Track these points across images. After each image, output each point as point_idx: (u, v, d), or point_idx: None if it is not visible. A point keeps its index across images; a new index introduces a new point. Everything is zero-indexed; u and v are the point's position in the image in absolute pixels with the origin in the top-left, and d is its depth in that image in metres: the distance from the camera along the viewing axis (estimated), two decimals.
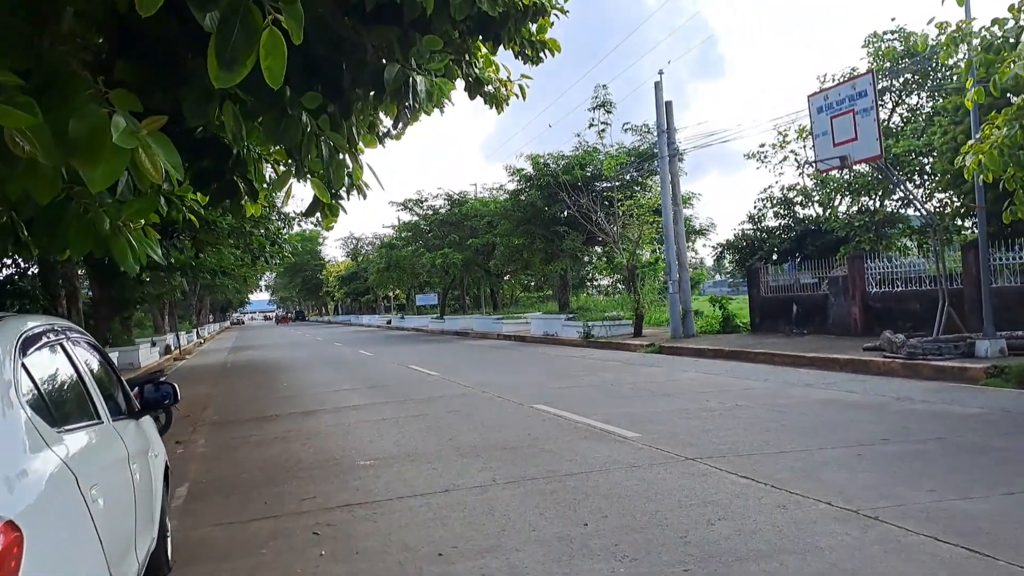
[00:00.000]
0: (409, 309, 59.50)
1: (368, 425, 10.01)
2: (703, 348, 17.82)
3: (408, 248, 43.79)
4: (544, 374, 15.32)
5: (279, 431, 10.09)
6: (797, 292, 19.81)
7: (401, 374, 17.26)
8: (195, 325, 49.49)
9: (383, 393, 13.61)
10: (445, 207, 38.69)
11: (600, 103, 22.82)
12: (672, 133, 20.99)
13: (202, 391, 16.30)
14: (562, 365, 17.25)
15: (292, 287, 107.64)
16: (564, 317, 25.93)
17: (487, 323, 34.11)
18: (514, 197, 27.66)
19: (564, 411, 9.99)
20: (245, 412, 12.43)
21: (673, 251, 20.89)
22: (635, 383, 12.96)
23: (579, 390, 12.43)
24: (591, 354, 19.93)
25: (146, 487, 4.04)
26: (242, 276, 31.93)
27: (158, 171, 3.05)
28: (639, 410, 9.90)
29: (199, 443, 9.67)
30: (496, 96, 7.99)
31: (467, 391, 13.05)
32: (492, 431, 8.94)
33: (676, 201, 21.06)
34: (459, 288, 46.04)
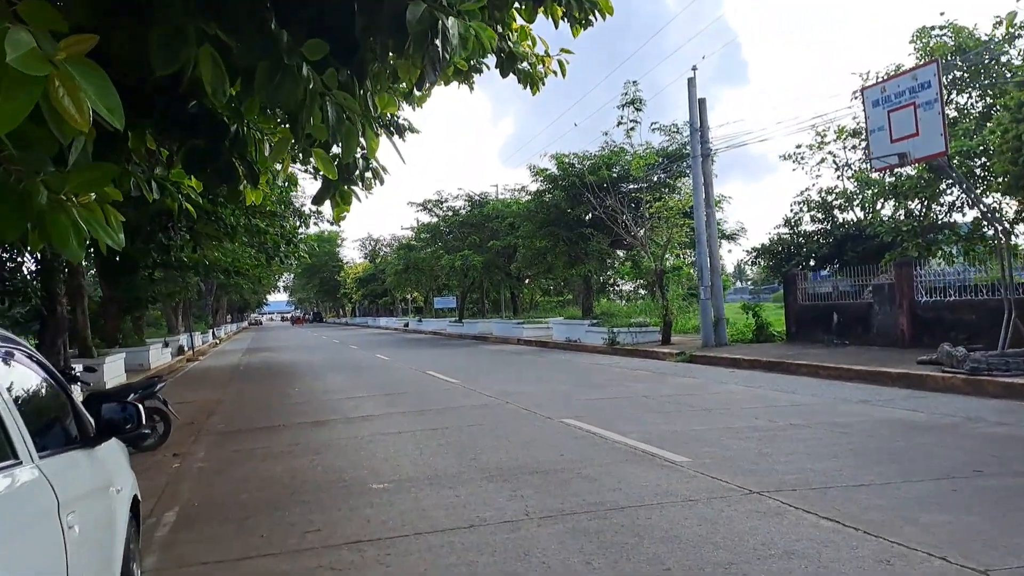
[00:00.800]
0: (427, 312, 58.67)
1: (383, 439, 9.12)
2: (738, 358, 16.79)
3: (427, 250, 42.92)
4: (570, 383, 14.38)
5: (286, 443, 9.22)
6: (837, 300, 18.74)
7: (419, 381, 16.38)
8: (211, 325, 48.90)
9: (399, 402, 12.73)
10: (465, 208, 37.83)
11: (629, 100, 21.89)
12: (705, 131, 20.00)
13: (211, 396, 15.51)
14: (588, 374, 16.30)
15: (310, 288, 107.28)
16: (588, 323, 24.96)
17: (507, 327, 33.19)
18: (537, 198, 26.70)
19: (597, 427, 9.05)
20: (252, 420, 11.60)
21: (705, 255, 19.87)
22: (670, 396, 11.99)
23: (610, 402, 11.48)
24: (618, 362, 18.96)
25: (95, 537, 3.16)
26: (256, 276, 31.23)
27: (83, 114, 2.17)
28: (681, 427, 8.94)
29: (198, 456, 8.82)
30: (532, 74, 7.07)
31: (489, 401, 12.14)
32: (519, 449, 8.01)
33: (709, 203, 20.05)
34: (478, 291, 45.16)
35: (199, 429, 10.94)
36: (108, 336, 21.85)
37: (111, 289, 21.66)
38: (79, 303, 15.79)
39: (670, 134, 25.17)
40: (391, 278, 54.32)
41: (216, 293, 49.21)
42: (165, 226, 10.26)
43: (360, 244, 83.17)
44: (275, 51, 3.40)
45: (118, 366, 17.35)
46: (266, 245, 22.16)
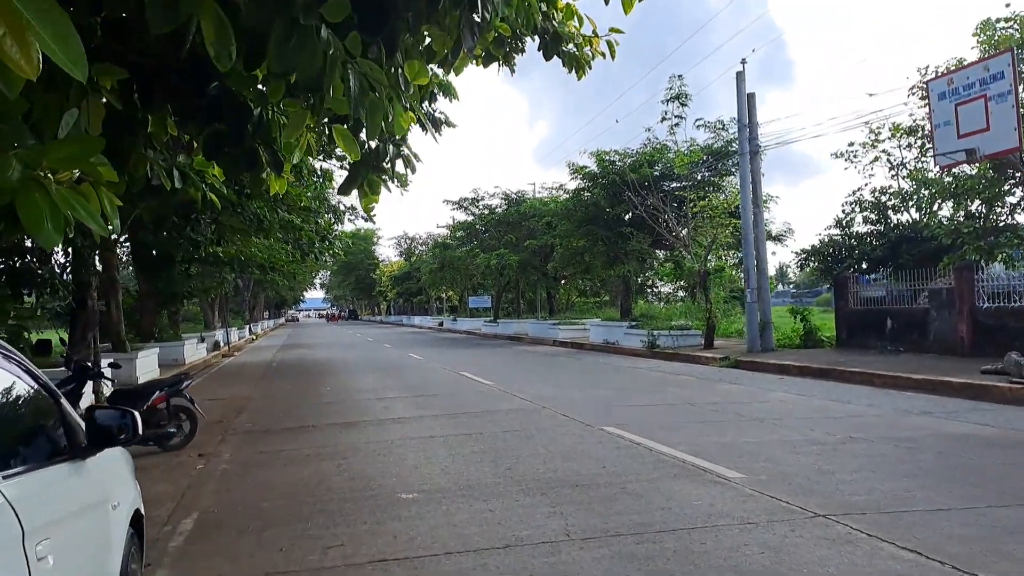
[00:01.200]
0: (461, 311, 58.37)
1: (414, 444, 8.69)
2: (786, 364, 16.08)
3: (462, 248, 42.53)
4: (610, 388, 13.83)
5: (314, 446, 8.84)
6: (891, 304, 17.89)
7: (452, 382, 15.96)
8: (247, 321, 49.15)
9: (432, 404, 12.30)
10: (502, 206, 37.35)
11: (675, 95, 21.16)
12: (754, 127, 19.27)
13: (242, 392, 15.26)
14: (629, 378, 15.73)
15: (346, 286, 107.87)
16: (626, 325, 24.32)
17: (542, 328, 32.66)
18: (576, 196, 26.09)
19: (642, 437, 8.51)
20: (281, 420, 11.26)
21: (752, 256, 19.15)
22: (717, 404, 11.39)
23: (654, 410, 10.92)
24: (659, 366, 18.34)
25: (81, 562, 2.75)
26: (291, 272, 31.14)
27: (30, 60, 1.74)
28: (732, 439, 8.36)
29: (224, 457, 8.47)
30: (578, 57, 6.58)
31: (525, 406, 11.65)
32: (558, 460, 7.51)
33: (756, 202, 19.31)
34: (513, 291, 44.68)
35: (227, 428, 10.64)
36: (144, 330, 21.83)
37: (148, 283, 21.62)
38: (113, 296, 15.65)
39: (715, 131, 24.42)
40: (426, 276, 54.07)
41: (253, 289, 49.43)
42: (188, 217, 9.94)
43: (396, 242, 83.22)
44: (289, 10, 2.95)
45: (151, 361, 17.23)
46: (301, 241, 21.96)
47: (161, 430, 8.77)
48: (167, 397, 8.87)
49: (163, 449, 8.84)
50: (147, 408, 8.65)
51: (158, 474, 7.74)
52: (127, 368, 15.40)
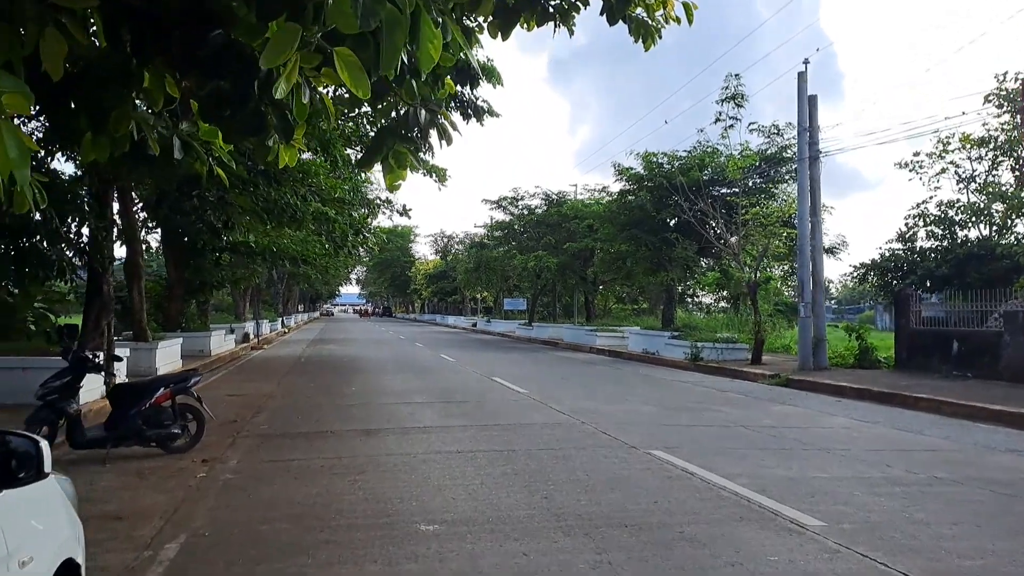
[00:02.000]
0: (496, 313, 57.52)
1: (439, 459, 7.80)
2: (842, 385, 14.91)
3: (500, 249, 41.63)
4: (654, 403, 12.82)
5: (329, 456, 8.01)
6: (957, 326, 16.60)
7: (484, 388, 15.07)
8: (280, 314, 48.81)
9: (461, 412, 11.42)
10: (542, 207, 36.38)
11: (730, 95, 20.06)
12: (815, 132, 18.09)
13: (264, 389, 14.54)
14: (673, 393, 14.70)
15: (381, 282, 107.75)
16: (668, 335, 23.21)
17: (579, 334, 31.65)
18: (620, 198, 25.03)
19: (695, 465, 7.53)
20: (299, 422, 10.47)
21: (808, 268, 17.97)
22: (773, 427, 10.33)
23: (704, 431, 9.90)
24: (703, 381, 17.25)
25: None
26: (324, 266, 30.58)
27: None
28: (799, 472, 7.34)
29: (229, 465, 7.67)
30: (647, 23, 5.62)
31: (562, 420, 10.71)
32: (602, 489, 6.57)
33: (815, 211, 18.11)
34: (550, 294, 43.70)
35: (240, 429, 9.86)
36: (171, 319, 21.32)
37: (177, 271, 21.10)
38: (136, 283, 15.05)
39: (769, 136, 23.24)
40: (461, 276, 53.32)
41: (287, 282, 49.14)
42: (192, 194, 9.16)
43: (432, 240, 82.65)
44: None
45: (173, 351, 16.61)
46: (334, 234, 21.31)
47: (165, 430, 8.00)
48: (172, 395, 8.10)
49: (166, 451, 8.08)
50: (150, 406, 7.91)
51: (153, 481, 6.96)
52: (146, 358, 14.79)
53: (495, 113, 12.94)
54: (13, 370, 10.01)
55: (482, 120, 12.77)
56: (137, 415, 7.80)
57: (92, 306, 11.32)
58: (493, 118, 13.00)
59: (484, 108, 12.70)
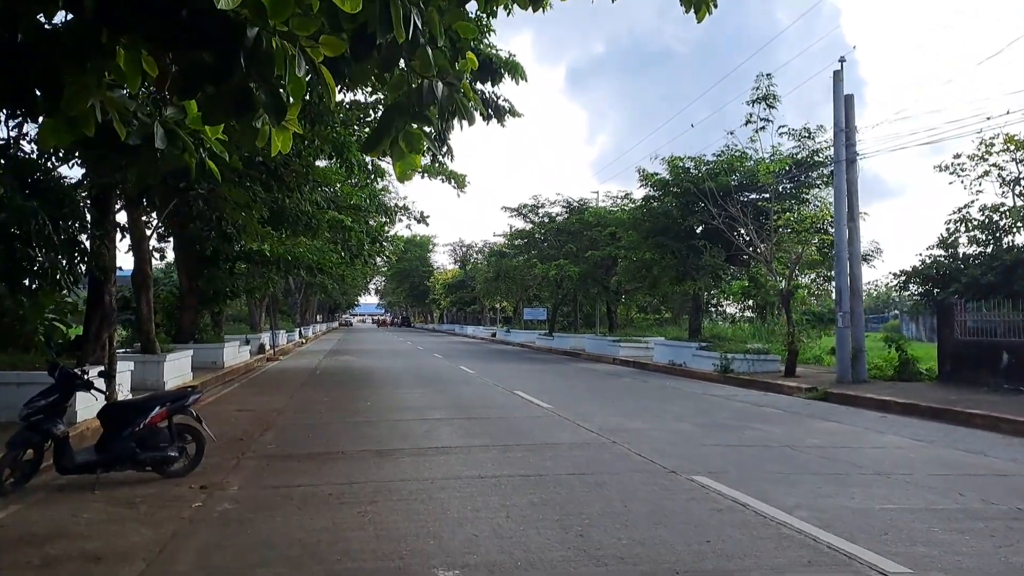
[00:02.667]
0: (516, 323, 56.74)
1: (458, 487, 7.06)
2: (886, 400, 14.01)
3: (519, 257, 40.87)
4: (688, 420, 12.01)
5: (339, 481, 7.29)
6: (1007, 337, 15.63)
7: (505, 403, 14.31)
8: (298, 324, 48.30)
9: (482, 430, 10.67)
10: (563, 215, 35.62)
11: (761, 96, 19.24)
12: (852, 133, 17.22)
13: (275, 404, 13.89)
14: (706, 407, 13.87)
15: (399, 292, 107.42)
16: (696, 345, 22.34)
17: (601, 344, 30.82)
18: (645, 205, 24.22)
19: (745, 494, 6.73)
20: (309, 442, 9.77)
21: (846, 276, 17.06)
22: (821, 447, 9.50)
23: (747, 452, 9.09)
24: (736, 394, 16.39)
25: None
26: (340, 275, 30.01)
27: None
28: (864, 502, 6.54)
29: (229, 492, 6.97)
30: None
31: (591, 439, 9.93)
32: (643, 525, 5.79)
33: (852, 215, 17.22)
34: (570, 304, 42.87)
35: (246, 448, 9.18)
36: (184, 330, 20.77)
37: (190, 281, 20.56)
38: (144, 292, 14.47)
39: (800, 139, 22.35)
40: (481, 285, 52.63)
41: (304, 291, 48.66)
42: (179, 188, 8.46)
43: (451, 249, 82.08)
44: None
45: (183, 364, 15.99)
46: (350, 243, 20.72)
47: (161, 453, 7.32)
48: (169, 414, 7.43)
49: (163, 475, 7.41)
50: (145, 427, 7.23)
51: (143, 512, 6.27)
52: (154, 371, 14.19)
53: (517, 113, 12.21)
54: (7, 385, 9.40)
55: (504, 121, 12.06)
56: (130, 437, 7.13)
57: (93, 317, 10.72)
58: (515, 119, 12.27)
59: (506, 108, 12.00)
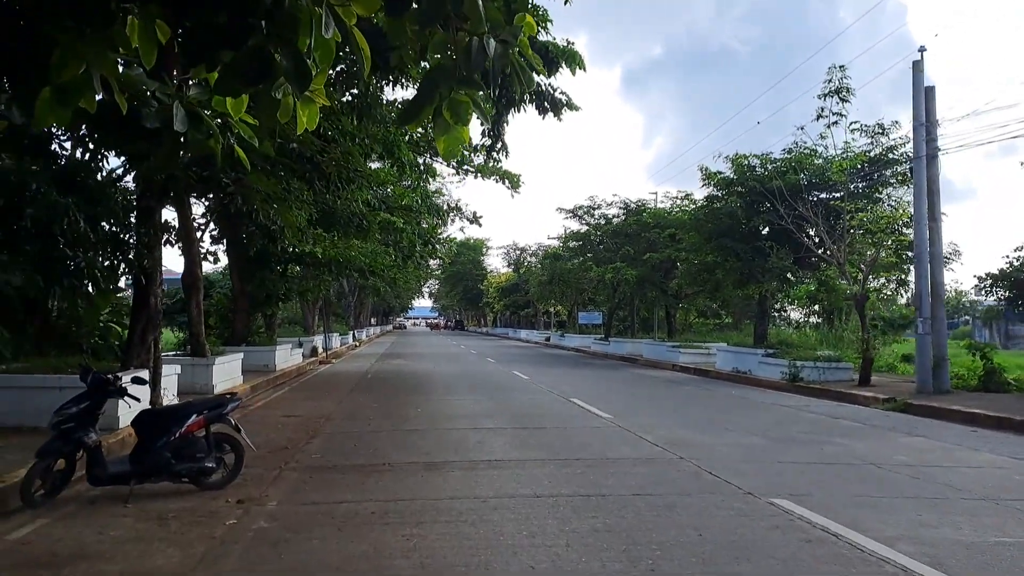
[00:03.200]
0: (570, 327, 55.94)
1: (513, 507, 6.44)
2: (975, 412, 12.91)
3: (574, 260, 40.05)
4: (759, 433, 11.17)
5: (383, 498, 6.75)
6: None
7: (562, 412, 13.65)
8: (352, 327, 48.37)
9: (538, 442, 10.03)
10: (619, 216, 34.72)
11: (834, 89, 18.16)
12: (933, 127, 16.09)
13: (323, 409, 13.49)
14: (777, 419, 12.98)
15: (453, 296, 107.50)
16: (761, 352, 21.29)
17: (660, 350, 29.85)
18: (708, 205, 23.22)
19: (835, 522, 5.96)
20: (355, 452, 9.28)
21: (927, 279, 15.92)
22: (912, 466, 8.60)
23: (830, 471, 8.26)
24: (807, 404, 15.41)
25: None
26: (392, 277, 29.74)
27: None
28: (973, 534, 5.72)
29: (267, 508, 6.49)
30: None
31: (657, 454, 9.21)
32: (723, 559, 5.09)
33: (933, 215, 16.06)
34: (626, 308, 41.91)
35: (290, 457, 8.73)
36: (237, 333, 20.66)
37: (242, 283, 20.43)
38: (194, 294, 14.27)
39: (873, 135, 21.13)
40: (534, 289, 51.97)
41: (358, 294, 48.74)
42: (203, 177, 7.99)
43: (504, 252, 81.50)
44: None
45: (232, 367, 15.74)
46: (401, 244, 20.33)
47: (197, 464, 6.89)
48: (206, 422, 6.99)
49: (199, 487, 6.98)
50: (181, 435, 6.81)
51: (174, 530, 5.81)
52: (203, 375, 13.95)
53: (575, 106, 11.56)
54: (48, 390, 9.13)
55: (560, 114, 11.43)
56: (165, 446, 6.71)
57: (138, 319, 10.44)
58: (572, 112, 11.62)
59: (563, 101, 11.37)
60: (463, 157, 20.33)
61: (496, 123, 11.79)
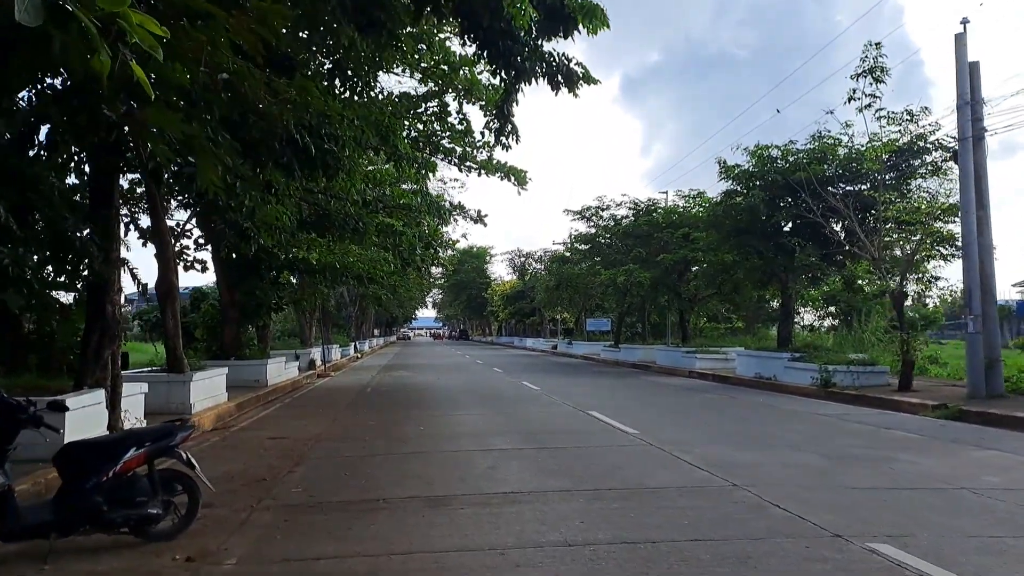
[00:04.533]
0: (577, 334, 54.43)
1: (540, 563, 5.01)
2: None
3: (582, 264, 38.54)
4: (808, 448, 9.71)
5: (372, 552, 5.32)
6: None
7: (581, 427, 12.20)
8: (353, 338, 46.83)
9: (559, 465, 8.59)
10: (629, 217, 33.18)
11: (867, 69, 16.70)
12: (979, 107, 14.69)
13: (314, 429, 12.07)
14: (822, 431, 11.53)
15: (457, 305, 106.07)
16: (787, 356, 19.83)
17: (674, 356, 28.35)
18: (726, 200, 21.69)
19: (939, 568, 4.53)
20: (344, 483, 7.84)
21: (976, 273, 14.46)
22: (1010, 489, 7.17)
23: (915, 499, 6.80)
24: (847, 413, 13.96)
25: None
26: (392, 284, 28.31)
27: None
28: None
29: (225, 566, 5.07)
30: None
31: (702, 479, 7.76)
32: None
33: (982, 203, 14.62)
34: (635, 313, 40.43)
35: (265, 493, 7.30)
36: (227, 346, 19.25)
37: (230, 292, 19.04)
38: (170, 303, 12.87)
39: (902, 123, 19.69)
40: (541, 295, 50.47)
41: (359, 304, 47.27)
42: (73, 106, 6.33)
43: (509, 259, 79.91)
44: None
45: (215, 383, 14.26)
46: (400, 248, 18.93)
47: (138, 510, 5.46)
48: (149, 457, 5.57)
49: (144, 539, 5.56)
50: (116, 474, 5.39)
51: None
52: (179, 393, 12.52)
53: (593, 79, 10.16)
54: None
55: (576, 89, 10.03)
56: (96, 489, 5.29)
57: (92, 331, 9.03)
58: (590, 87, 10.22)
59: (579, 73, 9.97)
60: (465, 153, 18.97)
61: (505, 101, 10.40)
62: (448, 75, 15.83)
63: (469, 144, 18.84)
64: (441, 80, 16.49)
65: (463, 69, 15.64)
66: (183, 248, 19.12)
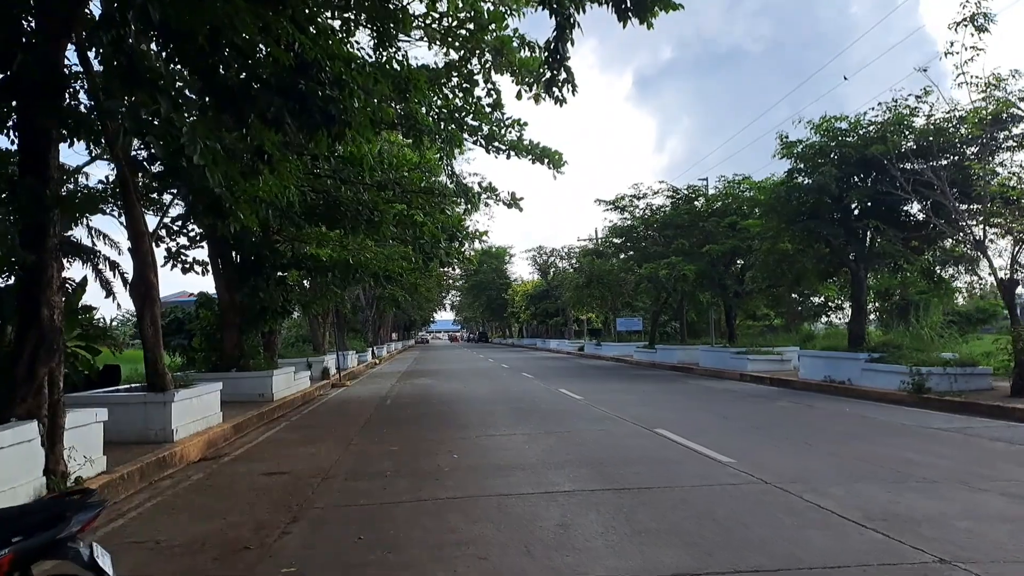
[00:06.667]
0: (607, 335, 51.85)
1: None
2: None
3: (619, 257, 35.86)
4: (978, 485, 7.28)
5: None
6: None
7: (658, 454, 9.79)
8: (370, 343, 44.52)
9: (658, 522, 6.19)
10: (667, 206, 30.56)
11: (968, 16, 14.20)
12: None
13: (323, 460, 9.77)
14: (965, 454, 9.06)
15: (476, 307, 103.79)
16: (864, 357, 17.33)
17: (721, 357, 25.82)
18: (789, 179, 19.09)
19: None
20: (356, 556, 5.51)
21: None
22: None
23: None
24: (967, 426, 11.48)
25: None
26: (411, 283, 26.01)
27: None
28: None
29: None
30: None
31: (877, 547, 5.37)
32: None
33: None
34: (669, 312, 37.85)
35: (257, 564, 4.99)
36: (227, 355, 17.05)
37: (230, 293, 16.82)
38: (148, 308, 10.63)
39: (985, 89, 17.17)
40: (569, 294, 47.86)
41: (376, 306, 45.01)
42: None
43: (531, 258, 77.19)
44: None
45: (207, 402, 12.01)
46: (421, 240, 16.64)
47: None
48: (17, 561, 3.29)
49: None
50: None
51: None
52: (158, 417, 10.28)
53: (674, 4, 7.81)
54: None
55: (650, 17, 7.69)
56: None
57: (23, 343, 6.80)
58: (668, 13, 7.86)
59: None
60: (493, 132, 16.60)
61: (558, 39, 8.08)
62: (475, 35, 13.48)
63: (496, 123, 16.50)
64: (467, 44, 14.14)
65: (492, 26, 13.27)
66: (180, 248, 16.99)
